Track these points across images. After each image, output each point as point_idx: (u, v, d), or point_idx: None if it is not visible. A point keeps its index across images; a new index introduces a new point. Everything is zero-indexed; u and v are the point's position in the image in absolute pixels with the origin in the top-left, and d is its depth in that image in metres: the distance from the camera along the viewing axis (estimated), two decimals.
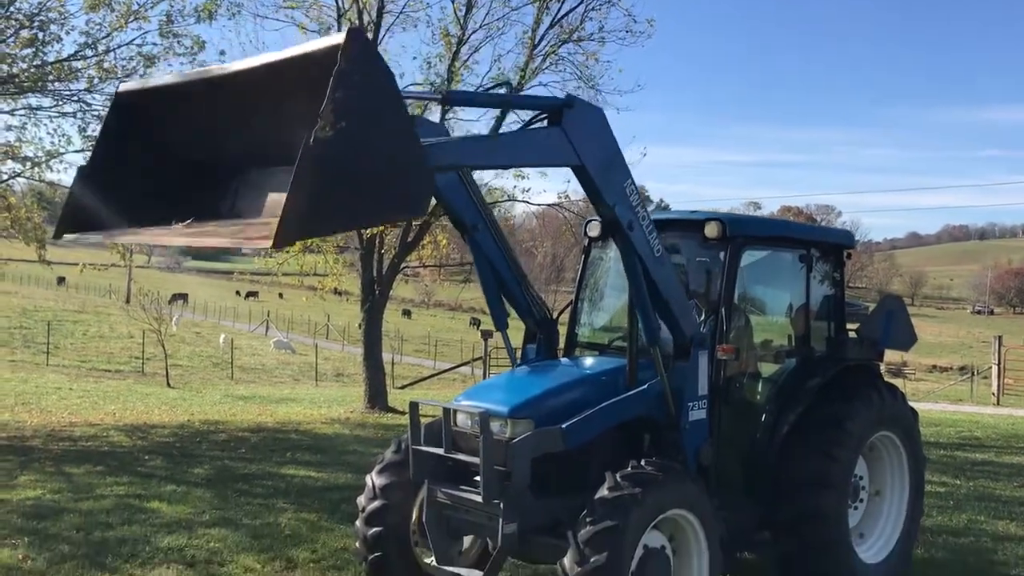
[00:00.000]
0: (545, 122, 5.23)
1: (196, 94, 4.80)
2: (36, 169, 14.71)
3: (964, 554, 8.34)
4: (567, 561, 5.12)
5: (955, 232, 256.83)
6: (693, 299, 6.62)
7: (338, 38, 3.75)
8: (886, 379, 7.61)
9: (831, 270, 7.45)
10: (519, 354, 7.06)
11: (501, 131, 5.39)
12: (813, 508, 6.42)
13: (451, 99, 5.11)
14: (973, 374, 36.79)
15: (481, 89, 5.15)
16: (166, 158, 5.01)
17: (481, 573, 5.80)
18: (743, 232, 6.52)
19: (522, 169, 25.17)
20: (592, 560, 4.99)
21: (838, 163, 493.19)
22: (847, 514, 6.70)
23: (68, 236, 4.94)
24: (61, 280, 74.06)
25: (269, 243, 3.60)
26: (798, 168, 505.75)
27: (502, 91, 5.48)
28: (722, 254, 6.47)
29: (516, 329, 7.20)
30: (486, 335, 19.00)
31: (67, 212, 4.96)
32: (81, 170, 4.99)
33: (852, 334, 7.46)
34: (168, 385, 27.31)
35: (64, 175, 15.03)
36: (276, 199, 4.32)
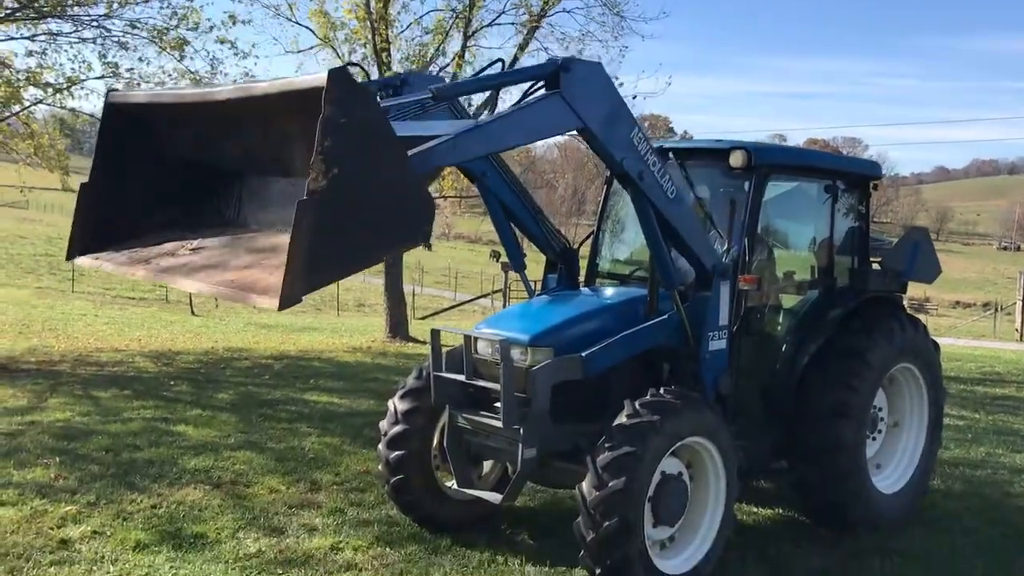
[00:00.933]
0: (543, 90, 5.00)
1: (187, 106, 4.79)
2: (58, 95, 14.69)
3: (980, 486, 8.40)
4: (585, 485, 5.20)
5: (984, 167, 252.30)
6: (715, 230, 6.58)
7: (320, 79, 3.66)
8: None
9: (856, 202, 7.36)
10: (537, 287, 7.09)
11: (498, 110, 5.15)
12: (832, 438, 6.46)
13: (442, 95, 4.89)
14: (996, 310, 36.53)
15: (473, 74, 4.89)
16: (165, 163, 5.02)
17: (501, 496, 5.92)
18: (768, 161, 6.43)
19: None
20: (610, 484, 5.06)
21: (866, 95, 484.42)
22: (865, 445, 6.73)
23: (81, 261, 4.97)
24: None
25: (276, 306, 3.63)
26: (825, 99, 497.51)
27: (496, 70, 5.21)
28: (746, 184, 6.40)
29: (536, 262, 7.22)
30: (506, 267, 18.88)
31: (76, 232, 4.98)
32: (83, 186, 5.00)
33: (876, 267, 7.40)
34: (192, 313, 27.62)
35: (85, 102, 15.12)
36: (281, 218, 4.27)
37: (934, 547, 6.63)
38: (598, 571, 5.21)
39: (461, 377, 5.88)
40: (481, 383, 5.80)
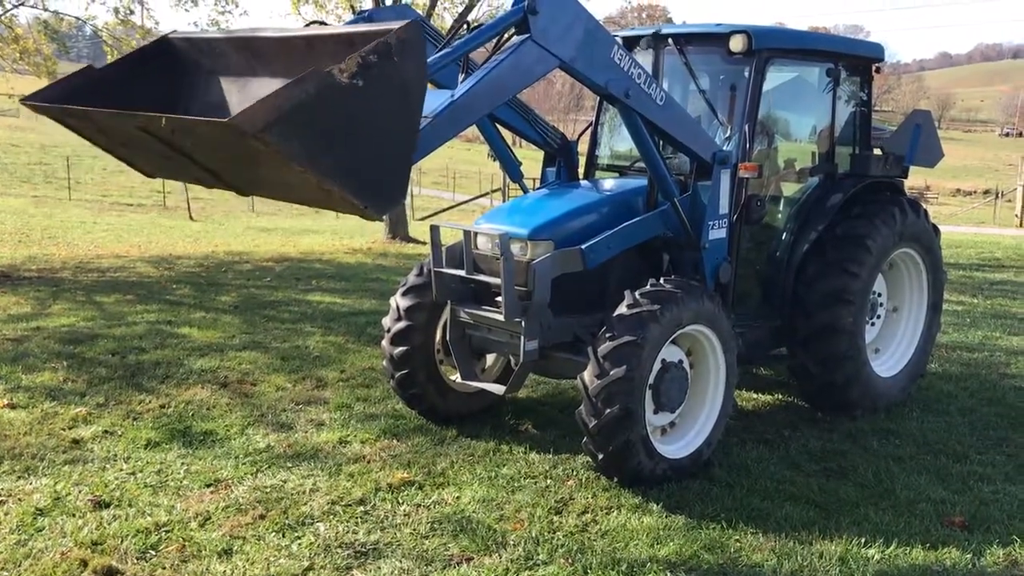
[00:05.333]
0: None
1: (233, 51, 4.66)
2: None
3: (977, 368, 8.51)
4: (587, 375, 5.27)
5: (988, 51, 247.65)
6: (715, 117, 6.49)
7: (398, 23, 3.62)
8: None
9: (858, 87, 7.24)
10: (534, 186, 7.02)
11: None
12: (831, 323, 6.52)
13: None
14: (997, 196, 36.39)
15: (440, 50, 4.55)
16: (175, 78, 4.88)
17: (504, 388, 6.01)
18: (769, 44, 6.28)
19: None
20: (611, 373, 5.13)
21: None
22: (864, 329, 6.79)
23: (32, 103, 4.68)
24: None
25: (226, 121, 3.31)
26: None
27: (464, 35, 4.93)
28: (747, 69, 6.28)
29: (535, 160, 7.13)
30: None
31: (51, 88, 4.68)
32: (89, 69, 4.82)
33: (877, 151, 7.33)
34: (190, 218, 27.54)
35: (67, 2, 14.72)
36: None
37: (930, 427, 6.76)
38: (601, 457, 5.33)
39: (462, 272, 5.89)
40: (482, 278, 5.81)
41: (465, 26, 5.27)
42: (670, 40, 6.55)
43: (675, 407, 5.62)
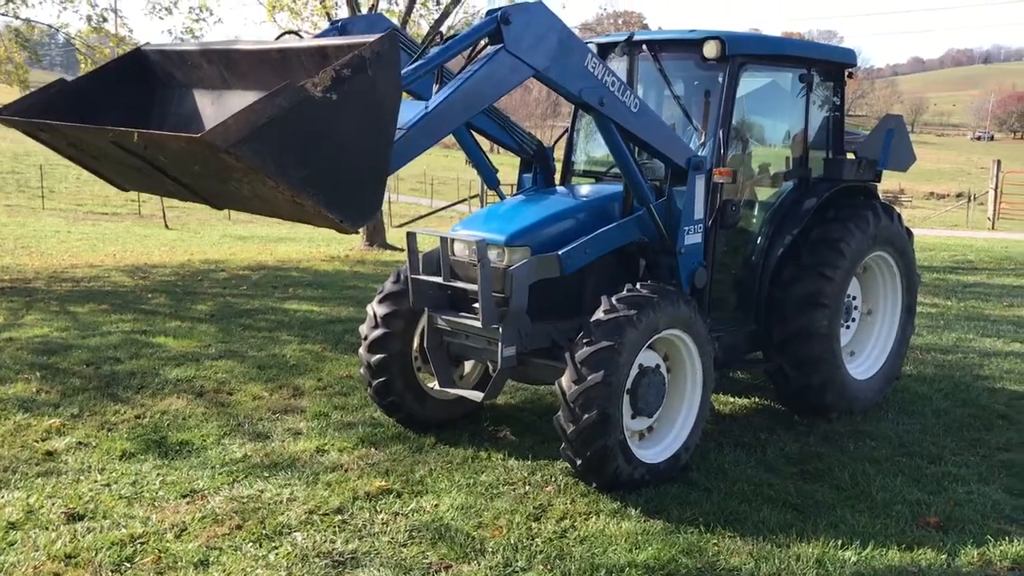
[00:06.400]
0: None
1: (207, 63, 4.64)
2: (11, 4, 14.19)
3: (952, 370, 8.60)
4: (564, 381, 5.27)
5: (959, 56, 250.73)
6: (689, 123, 6.52)
7: (372, 36, 3.60)
8: None
9: (831, 92, 7.31)
10: (511, 192, 7.03)
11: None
12: (806, 326, 6.56)
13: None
14: (969, 200, 36.80)
15: (414, 62, 4.53)
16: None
17: (482, 395, 6.00)
18: (742, 50, 6.33)
19: None
20: (589, 378, 5.13)
21: None
22: (839, 332, 6.84)
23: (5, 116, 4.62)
24: None
25: (196, 137, 3.27)
26: None
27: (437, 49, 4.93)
28: (721, 75, 6.32)
29: (511, 166, 7.15)
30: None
31: (24, 100, 4.66)
32: (62, 81, 4.79)
33: (851, 156, 7.40)
34: (166, 227, 27.32)
35: (39, 10, 14.63)
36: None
37: (905, 429, 6.82)
38: (579, 462, 5.33)
39: (439, 279, 5.88)
40: (459, 284, 5.81)
41: (439, 36, 5.29)
42: (644, 46, 6.58)
43: (653, 411, 5.64)
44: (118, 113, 4.68)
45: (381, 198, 3.93)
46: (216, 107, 4.78)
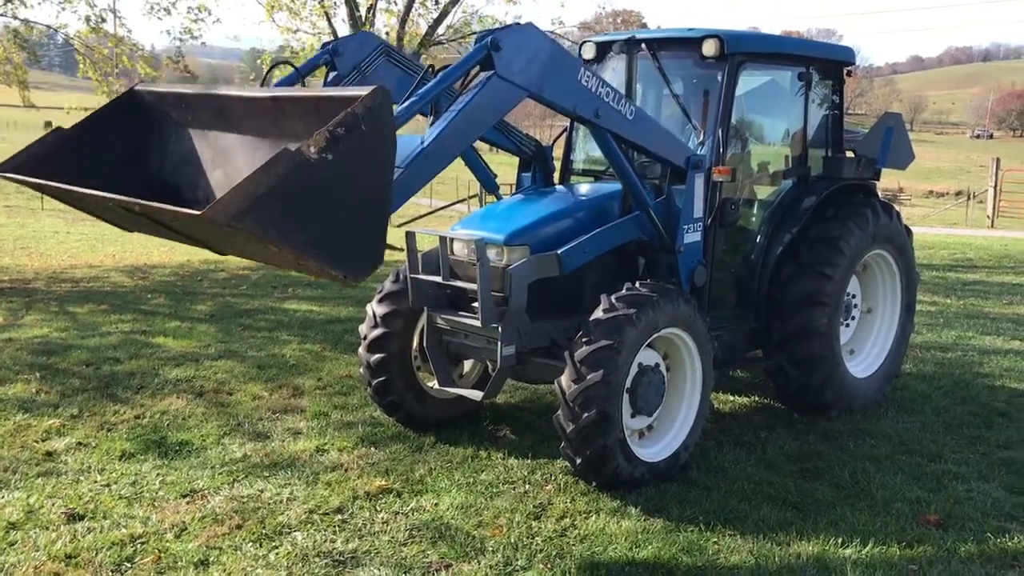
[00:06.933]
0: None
1: (201, 107, 4.73)
2: (9, 5, 14.19)
3: (951, 367, 8.60)
4: (564, 380, 5.27)
5: (958, 55, 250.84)
6: (689, 122, 6.52)
7: (363, 90, 3.63)
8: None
9: (830, 90, 7.31)
10: (510, 192, 7.02)
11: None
12: (806, 325, 6.56)
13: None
14: (969, 198, 36.81)
15: (406, 99, 4.55)
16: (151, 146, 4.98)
17: (481, 394, 6.00)
18: (741, 49, 6.33)
19: None
20: (588, 377, 5.13)
21: None
22: (839, 331, 6.84)
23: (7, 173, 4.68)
24: (48, 125, 72.37)
25: (199, 213, 3.35)
26: None
27: (429, 80, 4.95)
28: (720, 74, 6.32)
29: (510, 166, 7.14)
30: None
31: (26, 152, 4.71)
32: (59, 130, 4.85)
33: (850, 155, 7.40)
34: None
35: (38, 10, 14.63)
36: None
37: (905, 427, 6.82)
38: (579, 461, 5.33)
39: (438, 278, 5.88)
40: (458, 283, 5.81)
41: (430, 69, 5.32)
42: (644, 45, 6.57)
43: (652, 410, 5.64)
44: (118, 156, 4.81)
45: (383, 250, 3.97)
46: (213, 149, 4.90)
